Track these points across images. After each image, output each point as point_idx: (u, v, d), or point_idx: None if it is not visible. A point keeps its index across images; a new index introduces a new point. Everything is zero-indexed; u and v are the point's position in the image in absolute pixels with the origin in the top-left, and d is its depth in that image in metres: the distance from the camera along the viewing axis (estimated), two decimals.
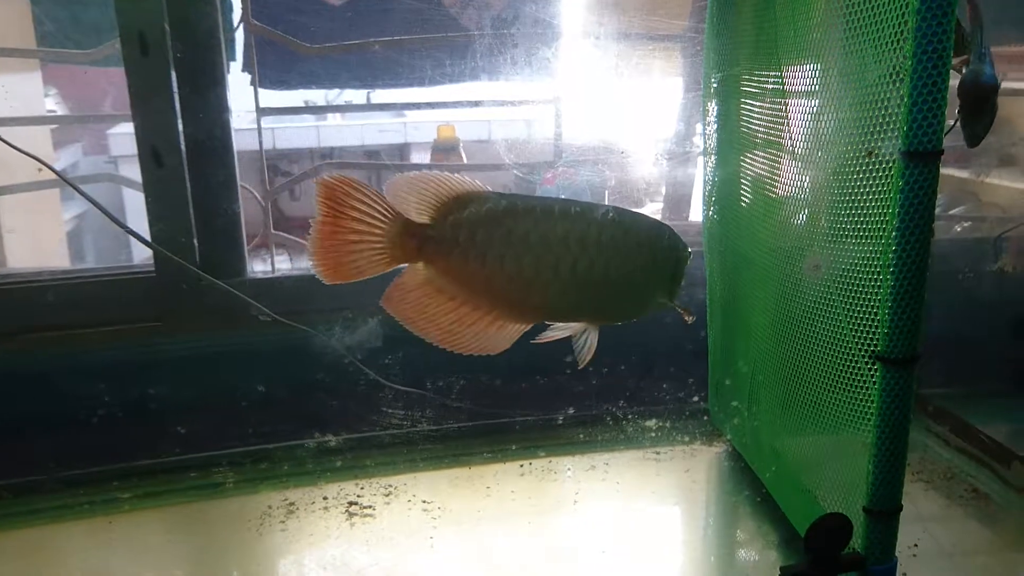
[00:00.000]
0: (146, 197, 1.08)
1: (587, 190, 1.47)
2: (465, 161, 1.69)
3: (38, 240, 1.44)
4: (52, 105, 1.78)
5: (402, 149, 2.90)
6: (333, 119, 2.96)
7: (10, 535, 0.94)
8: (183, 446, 1.08)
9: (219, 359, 1.11)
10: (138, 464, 1.05)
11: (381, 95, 1.47)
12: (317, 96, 1.96)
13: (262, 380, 1.10)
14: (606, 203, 0.96)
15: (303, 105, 1.87)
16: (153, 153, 1.07)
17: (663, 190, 1.51)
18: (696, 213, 1.48)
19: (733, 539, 0.94)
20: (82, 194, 1.07)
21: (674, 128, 1.39)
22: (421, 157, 2.79)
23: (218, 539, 0.92)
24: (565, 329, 0.73)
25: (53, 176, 1.38)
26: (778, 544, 0.89)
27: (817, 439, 0.81)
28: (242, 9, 1.17)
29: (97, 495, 1.00)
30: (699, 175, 1.42)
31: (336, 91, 1.94)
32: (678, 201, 1.50)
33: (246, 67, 1.22)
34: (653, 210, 1.55)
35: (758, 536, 0.91)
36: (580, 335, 0.74)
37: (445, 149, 1.64)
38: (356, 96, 1.82)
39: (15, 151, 1.04)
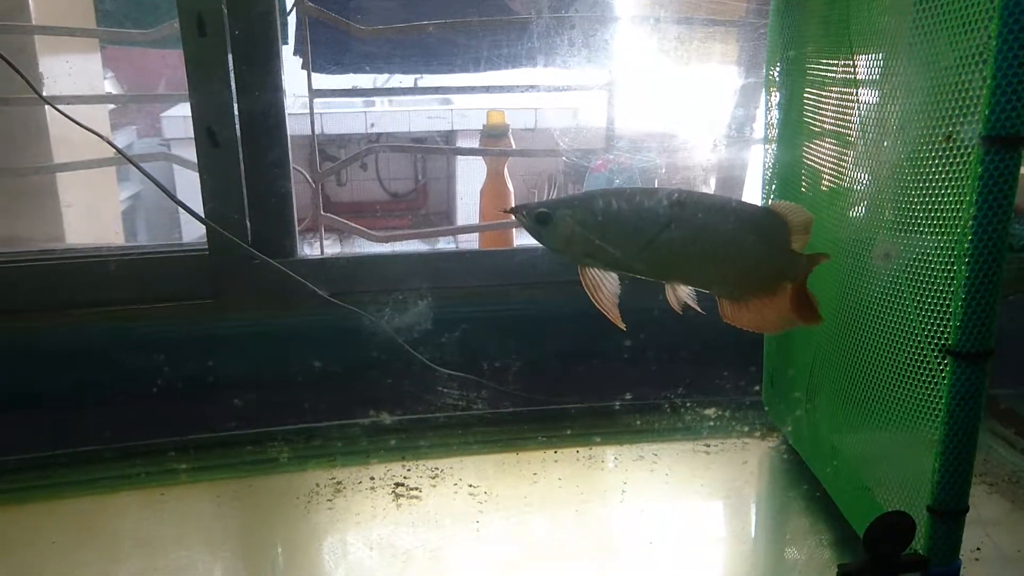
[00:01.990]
0: (201, 176, 1.09)
1: (638, 177, 1.45)
2: (514, 147, 1.68)
3: (95, 217, 1.47)
4: (109, 87, 1.81)
5: (448, 136, 2.90)
6: (380, 105, 2.98)
7: (67, 503, 0.96)
8: (233, 421, 1.10)
9: (270, 337, 1.12)
10: (191, 438, 1.07)
11: (429, 80, 1.46)
12: (365, 81, 1.97)
13: (312, 359, 1.11)
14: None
15: (351, 89, 1.88)
16: (208, 133, 1.08)
17: (715, 178, 1.49)
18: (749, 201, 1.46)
19: (785, 536, 0.92)
20: (143, 171, 1.09)
21: (730, 115, 1.36)
22: (468, 143, 2.79)
23: (266, 514, 0.93)
24: None
25: (111, 155, 1.41)
26: (832, 543, 0.87)
27: (879, 435, 0.78)
28: None
29: (152, 467, 1.02)
30: (753, 163, 1.40)
31: (384, 77, 1.95)
32: (730, 189, 1.47)
33: (297, 50, 1.22)
34: None
35: (812, 534, 0.89)
36: None
37: (494, 135, 1.63)
38: (403, 81, 1.81)
39: (77, 129, 1.05)
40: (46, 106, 1.24)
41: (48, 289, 1.08)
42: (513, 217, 0.76)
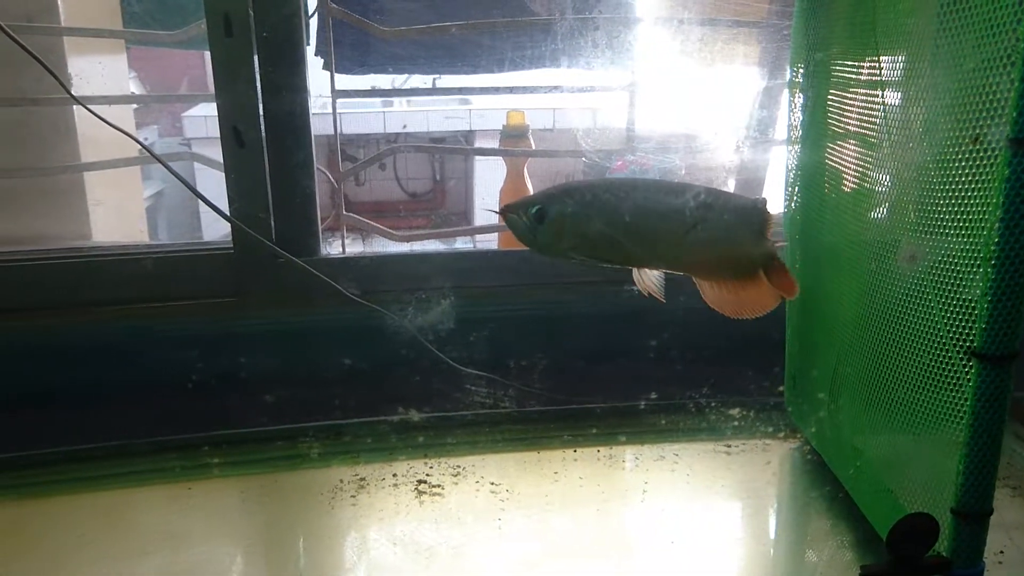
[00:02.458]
0: (226, 175, 1.11)
1: (657, 176, 1.46)
2: (534, 148, 1.69)
3: (121, 215, 1.49)
4: (133, 87, 1.83)
5: (467, 136, 2.91)
6: (399, 105, 2.99)
7: (94, 496, 0.97)
8: (257, 418, 1.11)
9: (293, 335, 1.13)
10: (215, 434, 1.08)
11: (448, 81, 1.47)
12: (383, 81, 1.98)
13: (334, 357, 1.12)
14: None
15: (373, 89, 1.89)
16: (235, 132, 1.09)
17: (735, 180, 1.49)
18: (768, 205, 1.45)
19: (806, 537, 0.92)
20: (173, 172, 1.10)
21: (750, 116, 1.36)
22: (486, 144, 2.80)
23: (292, 510, 0.94)
24: None
25: (137, 154, 1.43)
26: (854, 544, 0.87)
27: (903, 437, 0.78)
28: None
29: (178, 461, 1.03)
30: (773, 165, 1.39)
31: (403, 77, 1.96)
32: (751, 191, 1.47)
33: (319, 51, 1.23)
34: None
35: (833, 535, 0.89)
36: None
37: (515, 135, 1.63)
38: (422, 82, 1.83)
39: (104, 128, 1.07)
40: (74, 106, 1.27)
41: (76, 286, 1.10)
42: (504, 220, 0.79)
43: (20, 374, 1.08)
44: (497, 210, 0.80)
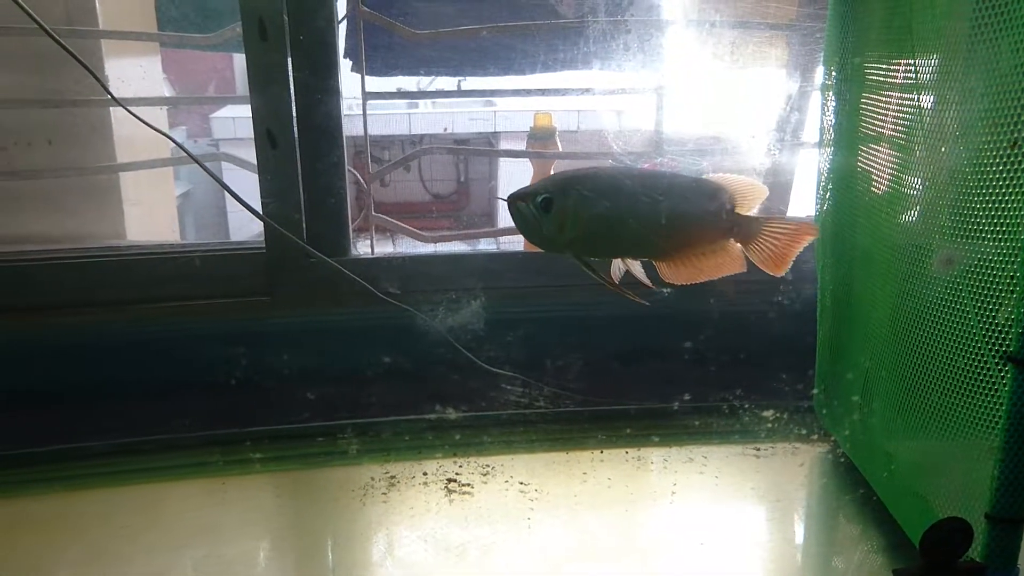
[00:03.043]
0: (260, 176, 1.12)
1: None
2: (560, 149, 1.69)
3: (154, 215, 1.52)
4: (164, 89, 1.86)
5: (491, 138, 2.92)
6: (423, 107, 3.01)
7: (135, 489, 0.99)
8: (288, 416, 1.12)
9: (324, 334, 1.15)
10: (248, 431, 1.10)
11: (473, 83, 1.48)
12: (409, 83, 2.00)
13: (364, 356, 1.14)
14: None
15: (402, 91, 1.91)
16: (268, 134, 1.11)
17: (764, 181, 1.48)
18: (795, 209, 1.45)
19: (836, 541, 0.92)
20: (210, 174, 1.12)
21: (779, 119, 1.36)
22: (510, 146, 2.81)
23: (324, 506, 0.96)
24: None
25: (169, 155, 1.45)
26: (885, 549, 0.87)
27: (936, 442, 0.78)
28: None
29: (213, 457, 1.05)
30: (802, 168, 1.39)
31: (428, 79, 1.97)
32: (779, 195, 1.47)
33: (347, 53, 1.25)
34: None
35: (864, 539, 0.89)
36: None
37: (542, 137, 1.64)
38: (448, 84, 1.84)
39: (139, 129, 1.09)
40: (111, 107, 1.30)
41: (113, 285, 1.12)
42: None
43: (61, 370, 1.11)
44: (505, 198, 0.82)
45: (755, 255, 0.84)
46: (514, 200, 0.81)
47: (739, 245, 0.84)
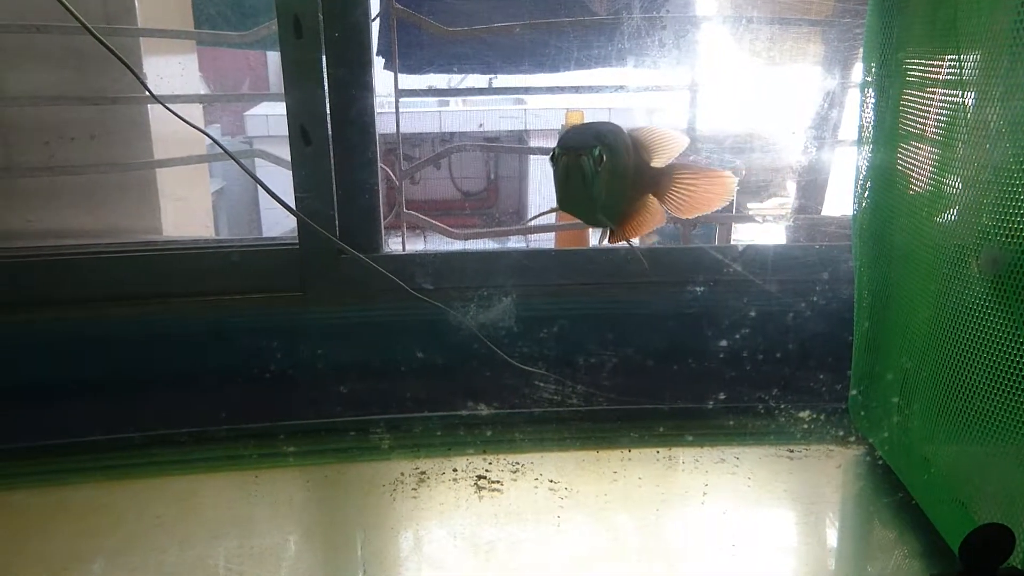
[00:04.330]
0: (293, 172, 1.13)
1: None
2: None
3: (189, 210, 1.54)
4: (200, 86, 1.88)
5: (521, 135, 2.92)
6: (454, 104, 3.02)
7: (170, 481, 1.01)
8: (319, 410, 1.13)
9: (355, 329, 1.15)
10: (281, 424, 1.11)
11: (505, 80, 1.48)
12: (440, 81, 2.00)
13: (395, 352, 1.14)
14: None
15: (433, 89, 1.91)
16: (302, 131, 1.12)
17: (795, 181, 1.46)
18: (829, 207, 1.43)
19: (872, 545, 0.90)
20: (248, 172, 1.13)
21: (817, 117, 1.34)
22: (540, 144, 2.81)
23: (355, 501, 0.96)
24: None
25: (204, 151, 1.47)
26: (921, 554, 0.85)
27: (976, 447, 0.76)
28: None
29: (247, 450, 1.07)
30: (836, 167, 1.37)
31: (459, 76, 1.98)
32: (813, 193, 1.45)
33: (380, 50, 1.25)
34: (781, 202, 1.51)
35: (900, 544, 0.87)
36: None
37: None
38: (479, 81, 1.84)
39: (175, 126, 1.10)
40: (148, 105, 1.32)
41: (150, 279, 1.14)
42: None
43: (97, 362, 1.12)
44: (553, 155, 0.77)
45: (670, 205, 0.84)
46: (574, 153, 0.74)
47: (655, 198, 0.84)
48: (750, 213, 1.43)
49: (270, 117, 2.88)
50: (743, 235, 1.49)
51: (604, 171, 0.75)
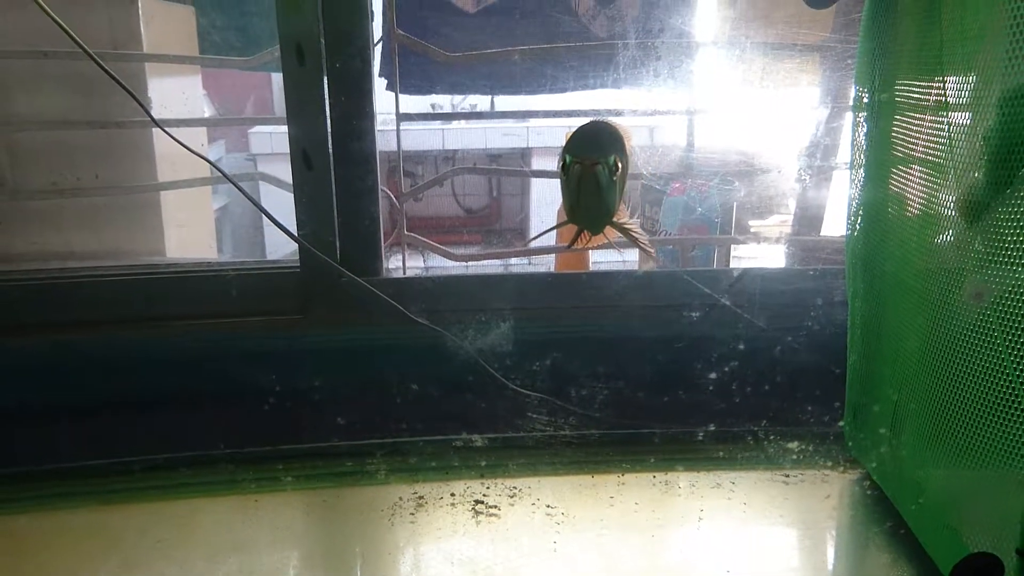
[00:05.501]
0: (295, 197, 1.15)
1: (717, 203, 1.46)
2: None
3: (193, 231, 1.55)
4: (204, 104, 1.91)
5: (524, 153, 2.94)
6: (457, 122, 3.04)
7: (170, 504, 1.02)
8: (317, 434, 1.14)
9: (354, 353, 1.16)
10: (279, 448, 1.12)
11: (507, 101, 1.49)
12: (443, 100, 2.02)
13: (393, 376, 1.15)
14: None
15: (435, 112, 1.93)
16: (304, 156, 1.13)
17: (793, 205, 1.48)
18: (828, 229, 1.44)
19: (865, 571, 0.90)
20: (249, 198, 1.15)
21: (810, 142, 1.35)
22: (542, 161, 2.83)
23: (353, 525, 0.97)
24: None
25: (207, 173, 1.49)
26: None
27: (967, 474, 0.77)
28: (384, 19, 1.22)
29: (246, 474, 1.08)
30: (834, 191, 1.38)
31: (461, 96, 2.00)
32: (811, 216, 1.46)
33: (382, 72, 1.27)
34: (781, 221, 1.52)
35: (893, 569, 0.87)
36: None
37: None
38: (481, 102, 1.86)
39: (179, 148, 1.12)
40: (152, 128, 1.33)
41: (152, 302, 1.15)
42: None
43: (98, 384, 1.13)
44: (563, 163, 0.74)
45: None
46: (589, 162, 0.70)
47: None
48: (752, 231, 1.45)
49: (274, 135, 2.90)
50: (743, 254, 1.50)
51: (619, 179, 0.72)
